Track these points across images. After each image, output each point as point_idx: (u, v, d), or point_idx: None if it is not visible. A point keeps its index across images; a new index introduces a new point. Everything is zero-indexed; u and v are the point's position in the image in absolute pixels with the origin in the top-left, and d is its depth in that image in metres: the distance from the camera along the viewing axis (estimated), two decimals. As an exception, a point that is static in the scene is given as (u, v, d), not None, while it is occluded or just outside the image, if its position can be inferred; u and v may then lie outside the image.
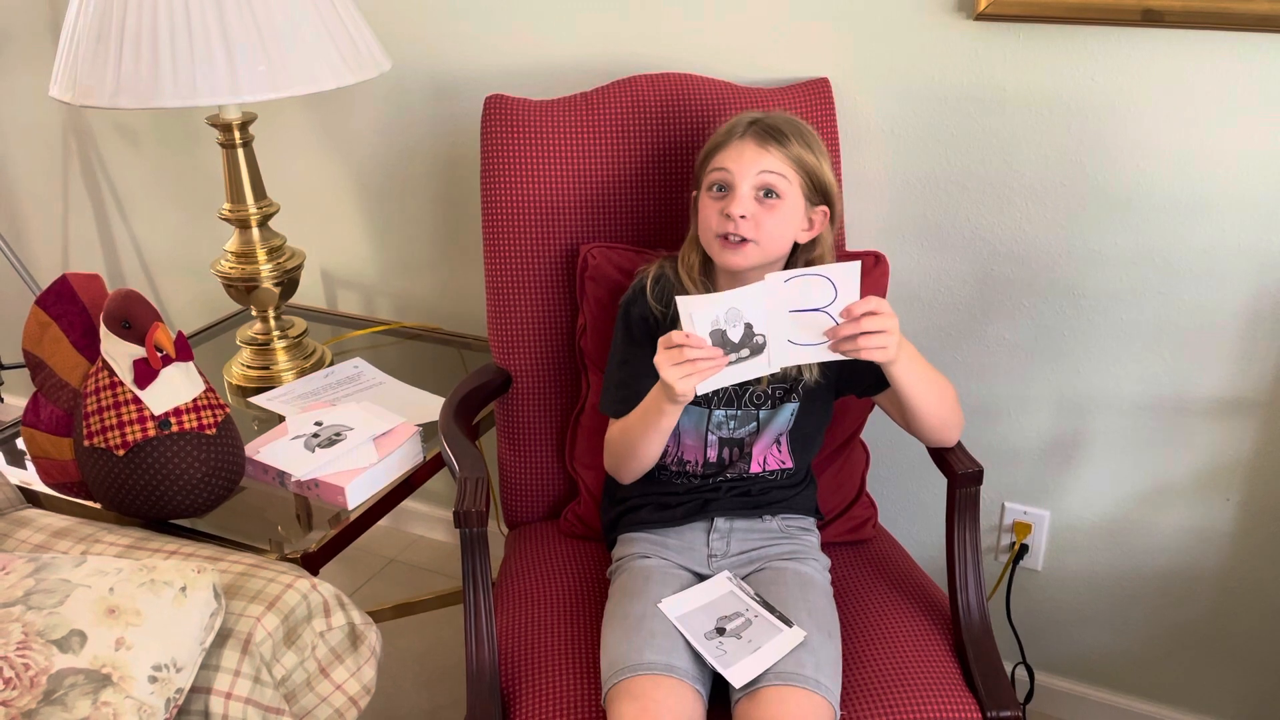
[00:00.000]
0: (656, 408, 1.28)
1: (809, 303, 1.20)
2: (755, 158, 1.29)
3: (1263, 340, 1.53)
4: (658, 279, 1.40)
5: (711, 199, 1.32)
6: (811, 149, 1.32)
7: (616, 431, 1.39)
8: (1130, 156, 1.51)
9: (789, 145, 1.30)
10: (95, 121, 2.31)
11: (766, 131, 1.31)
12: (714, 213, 1.31)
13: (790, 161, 1.30)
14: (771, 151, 1.30)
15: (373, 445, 1.53)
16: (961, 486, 1.36)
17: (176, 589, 1.17)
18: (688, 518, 1.41)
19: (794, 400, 1.40)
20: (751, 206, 1.29)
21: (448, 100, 1.92)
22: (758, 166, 1.29)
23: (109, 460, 1.35)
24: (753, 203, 1.29)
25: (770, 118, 1.33)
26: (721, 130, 1.35)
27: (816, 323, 1.21)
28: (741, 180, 1.29)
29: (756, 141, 1.30)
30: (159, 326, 1.33)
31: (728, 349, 1.20)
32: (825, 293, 1.20)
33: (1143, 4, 1.41)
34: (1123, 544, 1.73)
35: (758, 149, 1.30)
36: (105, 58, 1.49)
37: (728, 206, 1.29)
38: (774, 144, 1.30)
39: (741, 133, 1.31)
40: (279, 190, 1.86)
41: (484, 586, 1.30)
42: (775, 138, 1.30)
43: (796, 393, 1.40)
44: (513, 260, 1.57)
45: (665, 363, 1.20)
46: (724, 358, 1.20)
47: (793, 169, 1.30)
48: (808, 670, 1.20)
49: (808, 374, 1.37)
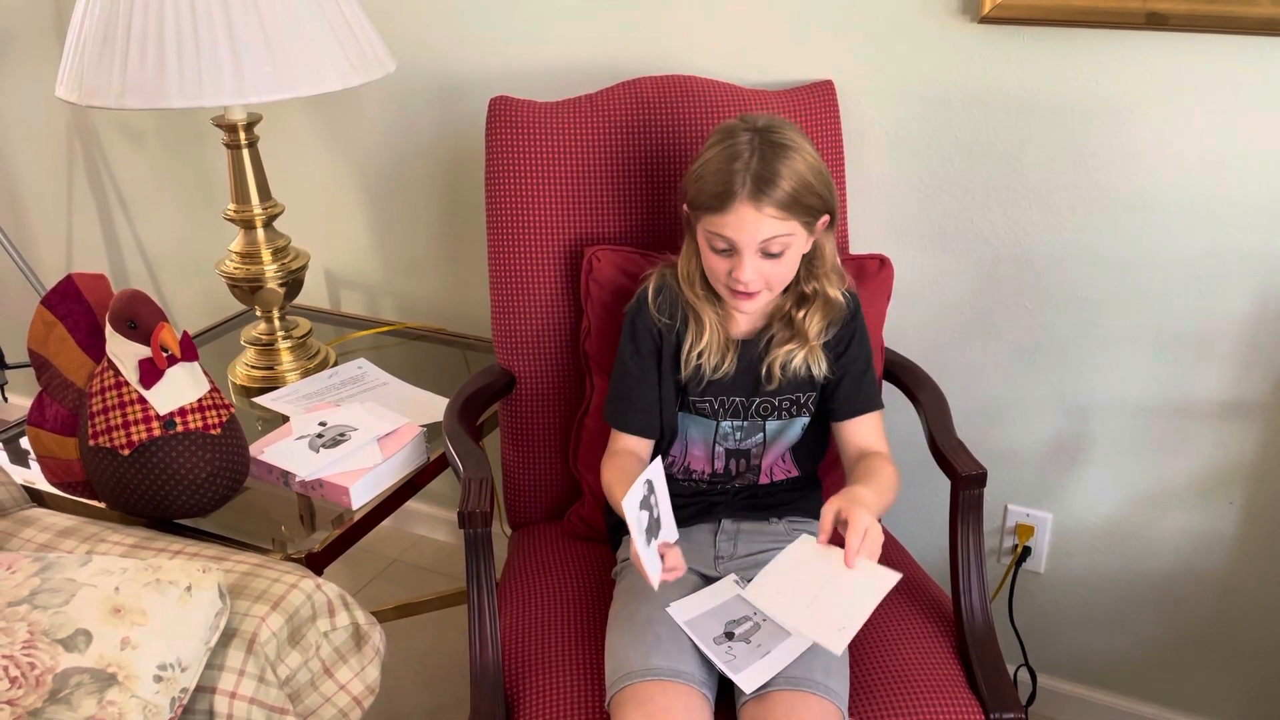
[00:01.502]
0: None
1: (791, 577, 1.26)
2: (755, 225, 1.24)
3: (1266, 343, 1.53)
4: (659, 289, 1.39)
5: (715, 254, 1.29)
6: (806, 172, 1.25)
7: (603, 475, 1.38)
8: (1134, 159, 1.51)
9: (784, 190, 1.23)
10: (100, 122, 2.32)
11: (760, 187, 1.23)
12: (721, 269, 1.29)
13: (788, 215, 1.25)
14: (769, 212, 1.23)
15: (377, 446, 1.53)
16: (965, 489, 1.36)
17: (181, 588, 1.17)
18: (695, 519, 1.41)
19: (806, 415, 1.40)
20: (759, 266, 1.27)
21: (452, 102, 1.92)
22: (759, 235, 1.25)
23: (114, 460, 1.35)
24: (759, 262, 1.27)
25: (761, 158, 1.23)
26: (713, 175, 1.25)
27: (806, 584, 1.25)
28: (745, 248, 1.26)
29: (753, 203, 1.23)
30: (164, 326, 1.33)
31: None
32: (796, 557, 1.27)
33: (1147, 7, 1.41)
34: (1125, 547, 1.73)
35: (756, 214, 1.23)
36: (111, 58, 1.49)
37: (736, 271, 1.27)
38: (769, 201, 1.23)
39: (738, 192, 1.23)
40: (284, 191, 1.86)
41: (488, 587, 1.30)
42: (770, 192, 1.23)
43: (808, 408, 1.40)
44: (517, 261, 1.57)
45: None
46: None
47: (794, 220, 1.25)
48: (817, 674, 1.19)
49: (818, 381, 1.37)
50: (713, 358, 1.35)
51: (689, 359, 1.36)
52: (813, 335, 1.34)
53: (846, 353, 1.38)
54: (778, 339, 1.36)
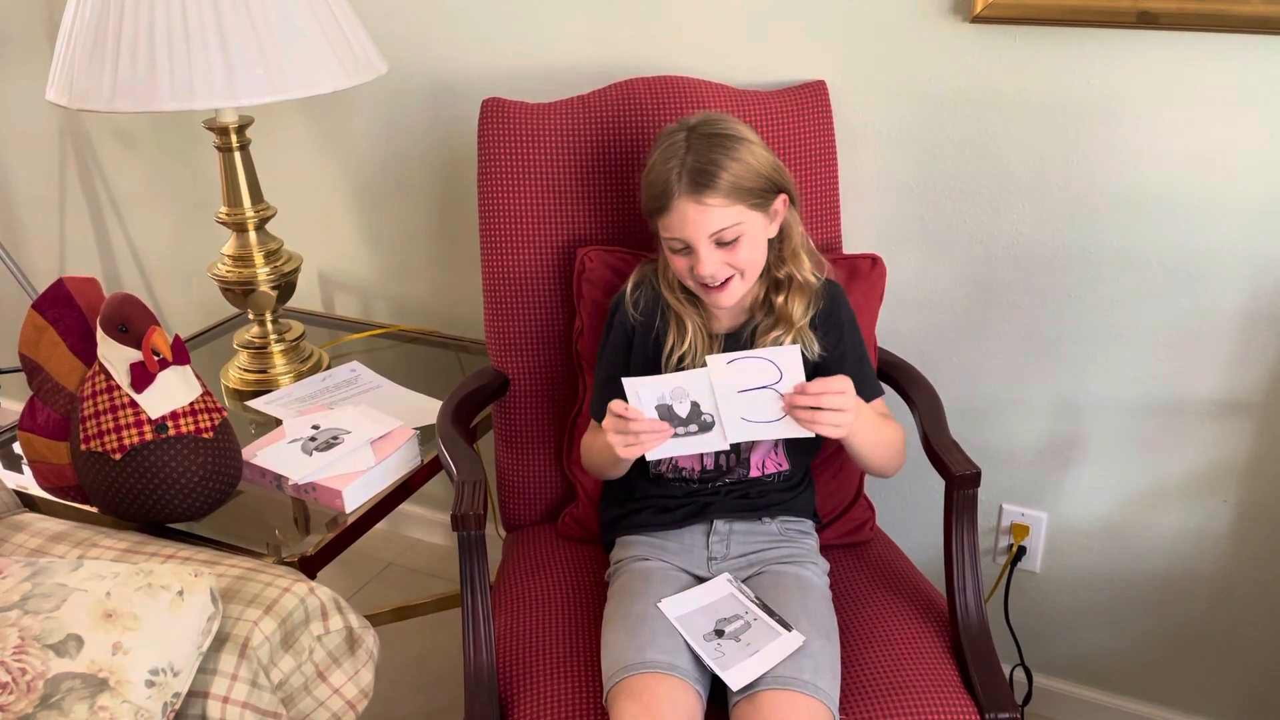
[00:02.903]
0: (611, 455, 1.29)
1: (755, 382, 1.23)
2: (699, 219, 1.25)
3: (1259, 342, 1.53)
4: (638, 285, 1.40)
5: (675, 255, 1.31)
6: (743, 159, 1.26)
7: (585, 445, 1.41)
8: (1126, 158, 1.52)
9: (721, 180, 1.24)
10: (92, 125, 2.31)
11: (696, 181, 1.24)
12: (684, 269, 1.31)
13: (732, 201, 1.25)
14: (710, 204, 1.24)
15: (370, 448, 1.53)
16: (959, 489, 1.36)
17: (173, 593, 1.17)
18: (687, 520, 1.41)
19: None
20: (717, 257, 1.28)
21: (444, 103, 1.92)
22: (705, 230, 1.26)
23: (106, 464, 1.35)
24: (717, 252, 1.28)
25: (695, 153, 1.25)
26: (655, 179, 1.28)
27: (767, 401, 1.24)
28: (697, 243, 1.27)
29: (692, 198, 1.24)
30: (156, 330, 1.33)
31: (675, 423, 1.25)
32: (770, 372, 1.23)
33: (1138, 6, 1.41)
34: (1120, 546, 1.73)
35: (698, 208, 1.25)
36: (102, 61, 1.49)
37: (696, 267, 1.28)
38: (709, 192, 1.24)
39: (675, 191, 1.25)
40: (276, 194, 1.86)
41: (482, 590, 1.30)
42: (707, 183, 1.24)
43: None
44: (510, 263, 1.57)
45: (610, 428, 1.25)
46: (668, 430, 1.25)
47: (738, 206, 1.26)
48: (806, 675, 1.20)
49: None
50: (696, 360, 1.35)
51: (669, 362, 1.36)
52: (797, 317, 1.35)
53: (839, 345, 1.38)
54: (762, 327, 1.37)
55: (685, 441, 1.27)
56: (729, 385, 1.22)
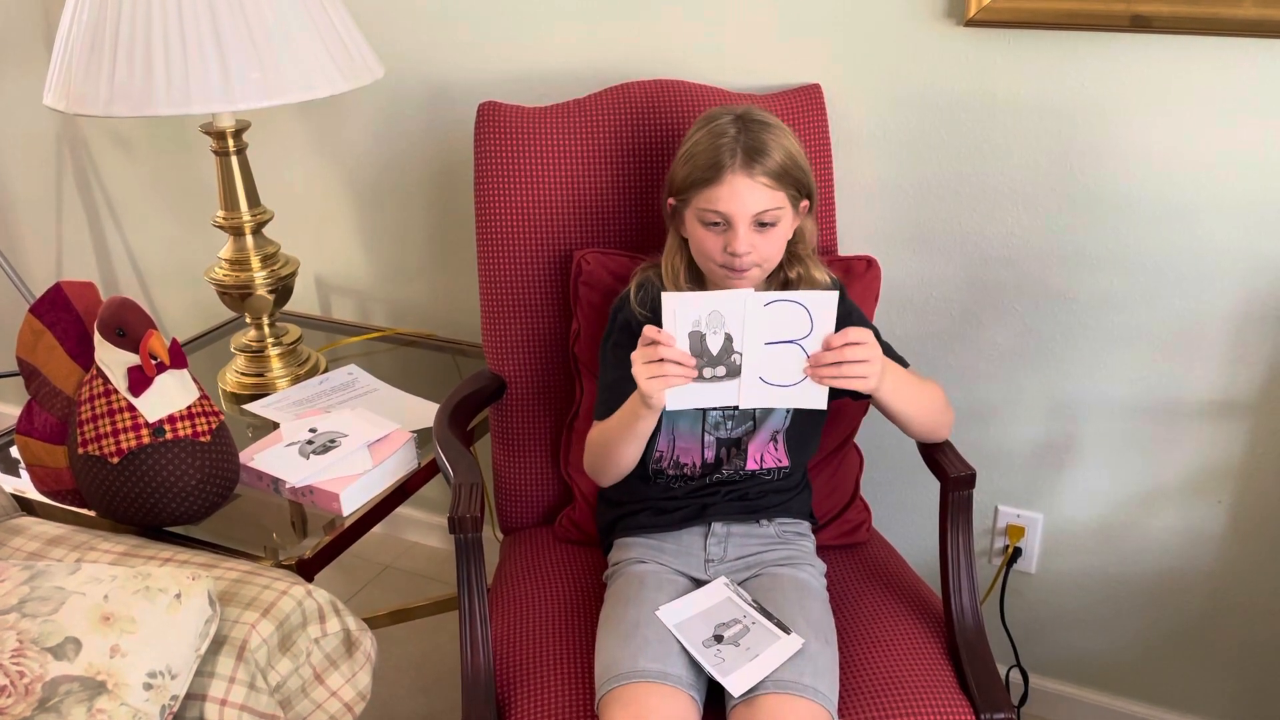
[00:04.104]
0: (633, 410, 1.29)
1: (784, 333, 1.22)
2: (748, 195, 1.27)
3: (1252, 343, 1.54)
4: (641, 286, 1.41)
5: (708, 230, 1.31)
6: (791, 149, 1.31)
7: (596, 433, 1.40)
8: (1120, 161, 1.52)
9: (774, 160, 1.28)
10: (89, 129, 2.31)
11: (751, 157, 1.27)
12: (715, 246, 1.31)
13: (779, 183, 1.29)
14: (762, 181, 1.27)
15: (367, 452, 1.53)
16: (954, 490, 1.36)
17: (171, 596, 1.17)
18: (685, 522, 1.41)
19: None
20: (753, 239, 1.29)
21: (441, 107, 1.92)
22: (752, 207, 1.27)
23: (103, 468, 1.35)
24: (753, 235, 1.29)
25: (748, 134, 1.29)
26: (703, 153, 1.30)
27: (790, 363, 1.24)
28: (740, 221, 1.28)
29: (746, 173, 1.27)
30: (153, 334, 1.33)
31: (704, 360, 1.23)
32: (801, 323, 1.22)
33: (1131, 10, 1.42)
34: (1115, 546, 1.74)
35: (750, 183, 1.27)
36: (99, 66, 1.49)
37: (731, 245, 1.29)
38: (762, 170, 1.27)
39: (729, 164, 1.27)
40: (273, 197, 1.86)
41: (479, 592, 1.30)
42: (762, 161, 1.27)
43: None
44: (507, 266, 1.57)
45: (639, 360, 1.24)
46: (693, 370, 1.22)
47: (783, 192, 1.29)
48: (806, 678, 1.20)
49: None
50: None
51: None
52: None
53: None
54: None
55: (705, 391, 1.24)
56: (759, 332, 1.22)
